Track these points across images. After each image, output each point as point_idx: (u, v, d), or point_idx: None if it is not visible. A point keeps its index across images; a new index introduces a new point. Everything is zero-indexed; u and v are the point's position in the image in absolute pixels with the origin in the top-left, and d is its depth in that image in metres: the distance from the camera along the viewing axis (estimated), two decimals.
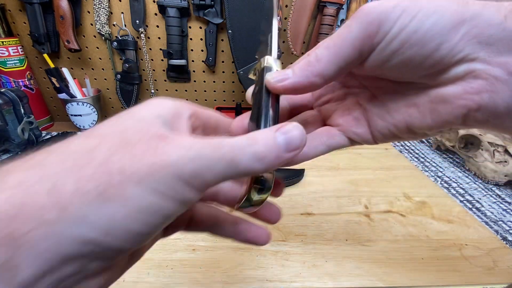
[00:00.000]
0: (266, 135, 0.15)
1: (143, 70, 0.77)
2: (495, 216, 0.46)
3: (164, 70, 0.79)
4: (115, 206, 0.12)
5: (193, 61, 0.79)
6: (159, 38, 0.75)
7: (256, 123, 0.18)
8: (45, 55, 0.69)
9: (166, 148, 0.13)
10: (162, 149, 0.13)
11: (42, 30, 0.67)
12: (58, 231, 0.11)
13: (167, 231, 0.20)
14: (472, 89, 0.14)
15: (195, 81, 0.82)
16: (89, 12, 0.70)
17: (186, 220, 0.20)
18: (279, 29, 0.73)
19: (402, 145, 0.72)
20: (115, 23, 0.72)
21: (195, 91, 0.84)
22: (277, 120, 0.18)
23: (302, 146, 0.15)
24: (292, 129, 0.15)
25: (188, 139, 0.14)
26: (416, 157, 0.66)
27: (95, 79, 0.78)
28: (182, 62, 0.73)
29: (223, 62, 0.79)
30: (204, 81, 0.82)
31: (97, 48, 0.75)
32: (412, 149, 0.70)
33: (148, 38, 0.74)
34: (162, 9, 0.70)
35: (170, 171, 0.12)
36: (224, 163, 0.13)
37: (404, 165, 0.59)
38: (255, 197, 0.18)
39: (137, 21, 0.71)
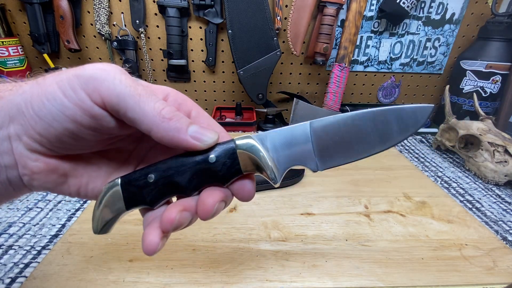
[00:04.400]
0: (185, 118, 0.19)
1: (143, 70, 0.77)
2: (495, 216, 0.46)
3: (164, 70, 0.79)
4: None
5: (193, 61, 0.79)
6: (159, 38, 0.75)
7: None
8: (45, 55, 0.69)
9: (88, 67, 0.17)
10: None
11: (42, 30, 0.67)
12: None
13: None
14: None
15: (195, 81, 0.82)
16: (89, 12, 0.70)
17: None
18: (279, 29, 0.73)
19: (402, 145, 0.72)
20: (115, 23, 0.72)
21: (195, 91, 0.84)
22: None
23: (205, 144, 0.18)
24: (207, 127, 0.19)
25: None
26: (416, 157, 0.66)
27: None
28: (182, 62, 0.73)
29: (223, 62, 0.79)
30: (204, 81, 0.82)
31: (97, 48, 0.75)
32: (412, 149, 0.70)
33: (148, 38, 0.74)
34: (162, 9, 0.70)
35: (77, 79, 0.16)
36: (129, 88, 0.17)
37: (404, 165, 0.59)
38: None
39: (137, 21, 0.71)
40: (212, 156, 0.18)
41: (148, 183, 0.19)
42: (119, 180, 0.19)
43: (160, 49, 0.76)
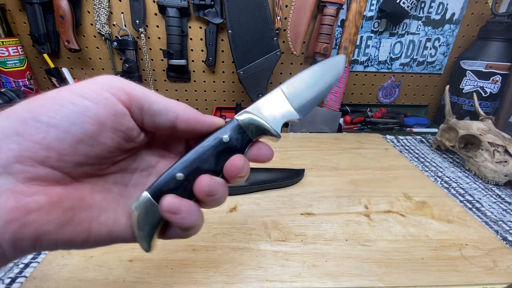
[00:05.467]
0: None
1: (143, 70, 0.77)
2: (495, 216, 0.46)
3: (164, 70, 0.79)
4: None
5: (193, 61, 0.79)
6: (159, 38, 0.75)
7: None
8: (45, 55, 0.69)
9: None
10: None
11: (42, 30, 0.67)
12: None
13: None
14: None
15: (195, 81, 0.82)
16: (89, 12, 0.70)
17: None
18: (279, 29, 0.73)
19: (402, 145, 0.72)
20: (115, 23, 0.72)
21: (195, 91, 0.84)
22: None
23: (218, 123, 0.21)
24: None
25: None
26: (416, 157, 0.66)
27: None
28: (182, 62, 0.73)
29: (223, 62, 0.79)
30: (204, 81, 0.82)
31: (97, 48, 0.75)
32: (412, 149, 0.70)
33: (148, 38, 0.74)
34: (162, 9, 0.70)
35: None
36: (147, 89, 0.18)
37: (404, 165, 0.59)
38: None
39: (137, 21, 0.71)
40: (226, 136, 0.20)
41: (180, 182, 0.19)
42: (147, 193, 0.19)
43: (160, 49, 0.76)
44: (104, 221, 0.18)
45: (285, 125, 0.85)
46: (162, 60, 0.77)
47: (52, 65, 0.69)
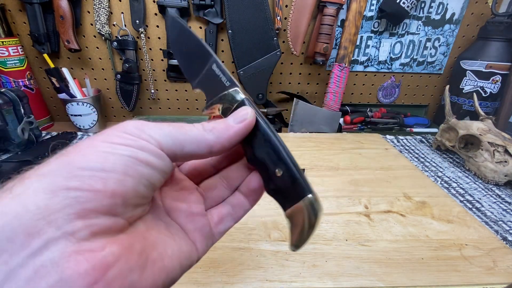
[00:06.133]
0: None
1: (143, 70, 0.77)
2: (495, 216, 0.46)
3: (164, 70, 0.79)
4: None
5: None
6: (159, 38, 0.75)
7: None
8: (45, 55, 0.69)
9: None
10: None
11: (42, 30, 0.67)
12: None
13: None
14: None
15: None
16: (89, 12, 0.70)
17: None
18: (279, 29, 0.73)
19: (402, 145, 0.72)
20: (115, 23, 0.72)
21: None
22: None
23: (250, 118, 0.19)
24: (239, 109, 0.19)
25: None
26: (416, 157, 0.66)
27: (95, 79, 0.78)
28: None
29: (223, 62, 0.79)
30: None
31: (97, 48, 0.75)
32: (412, 149, 0.70)
33: (148, 38, 0.74)
34: (162, 9, 0.70)
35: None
36: (172, 128, 0.17)
37: (404, 165, 0.59)
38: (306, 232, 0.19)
39: (137, 21, 0.71)
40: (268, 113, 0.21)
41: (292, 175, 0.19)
42: (311, 196, 0.18)
43: (160, 49, 0.76)
44: (172, 254, 0.17)
45: (285, 125, 0.86)
46: (162, 60, 0.77)
47: (52, 65, 0.69)
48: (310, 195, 0.18)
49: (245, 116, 0.19)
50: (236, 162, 0.23)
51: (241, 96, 0.20)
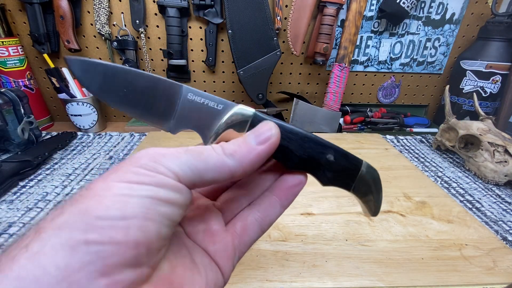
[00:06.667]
0: (237, 138, 0.17)
1: (143, 70, 0.77)
2: (495, 216, 0.46)
3: (164, 70, 0.79)
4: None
5: (193, 61, 0.79)
6: (159, 38, 0.75)
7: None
8: (45, 55, 0.69)
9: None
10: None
11: (42, 30, 0.67)
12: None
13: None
14: None
15: (195, 81, 0.82)
16: (89, 12, 0.70)
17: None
18: (279, 29, 0.73)
19: (402, 145, 0.72)
20: (115, 23, 0.72)
21: None
22: None
23: (274, 136, 0.17)
24: (262, 126, 0.17)
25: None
26: (416, 157, 0.66)
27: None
28: (182, 62, 0.73)
29: (223, 62, 0.79)
30: (204, 81, 0.82)
31: (97, 48, 0.75)
32: (412, 149, 0.70)
33: (148, 38, 0.74)
34: (162, 9, 0.70)
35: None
36: (190, 156, 0.15)
37: (404, 165, 0.59)
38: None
39: (137, 21, 0.71)
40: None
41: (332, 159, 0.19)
42: (364, 161, 0.20)
43: (160, 49, 0.76)
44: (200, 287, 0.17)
45: None
46: (162, 60, 0.77)
47: (52, 65, 0.69)
48: (363, 161, 0.19)
49: (268, 134, 0.17)
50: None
51: (250, 110, 0.18)
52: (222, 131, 0.18)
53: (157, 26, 0.73)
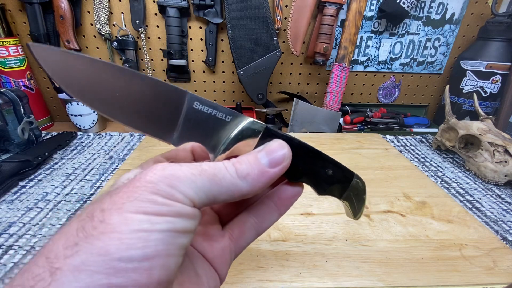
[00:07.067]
0: (248, 155, 0.16)
1: (143, 70, 0.77)
2: (495, 216, 0.46)
3: (164, 70, 0.79)
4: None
5: (193, 61, 0.79)
6: (159, 38, 0.75)
7: None
8: None
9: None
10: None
11: (42, 30, 0.67)
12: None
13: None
14: None
15: (195, 81, 0.82)
16: (89, 12, 0.70)
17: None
18: (279, 29, 0.73)
19: (402, 145, 0.72)
20: (115, 23, 0.72)
21: (195, 91, 0.84)
22: None
23: (287, 160, 0.17)
24: (274, 145, 0.17)
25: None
26: (416, 157, 0.66)
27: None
28: (182, 62, 0.73)
29: (223, 62, 0.79)
30: (204, 81, 0.82)
31: (97, 48, 0.75)
32: (412, 149, 0.70)
33: (148, 38, 0.74)
34: (162, 9, 0.70)
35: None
36: (205, 179, 0.14)
37: (404, 165, 0.59)
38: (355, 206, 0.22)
39: (137, 21, 0.71)
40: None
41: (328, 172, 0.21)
42: (356, 175, 0.21)
43: (160, 49, 0.76)
44: None
45: (285, 125, 0.85)
46: (162, 60, 0.77)
47: None
48: (355, 174, 0.21)
49: (281, 157, 0.16)
50: None
51: (260, 125, 0.18)
52: (231, 146, 0.17)
53: (157, 26, 0.73)
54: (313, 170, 0.20)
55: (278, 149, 0.17)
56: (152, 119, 0.17)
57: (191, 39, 0.76)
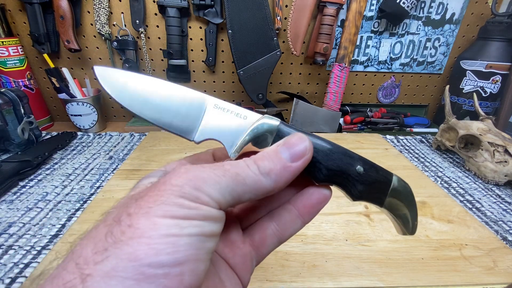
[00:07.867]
0: (269, 150, 0.16)
1: (143, 70, 0.77)
2: (495, 216, 0.46)
3: (164, 70, 0.79)
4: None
5: (193, 61, 0.79)
6: (159, 38, 0.75)
7: None
8: (45, 55, 0.69)
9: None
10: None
11: (42, 30, 0.67)
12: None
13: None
14: None
15: (195, 81, 0.82)
16: (89, 12, 0.70)
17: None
18: (279, 29, 0.73)
19: (402, 145, 0.72)
20: (115, 23, 0.72)
21: None
22: None
23: (309, 152, 0.17)
24: (293, 138, 0.16)
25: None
26: (416, 157, 0.66)
27: (95, 79, 0.78)
28: (182, 62, 0.73)
29: (223, 62, 0.79)
30: (204, 81, 0.82)
31: (97, 48, 0.75)
32: (412, 149, 0.70)
33: (148, 38, 0.74)
34: (162, 9, 0.70)
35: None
36: (229, 179, 0.14)
37: (404, 165, 0.59)
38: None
39: (137, 21, 0.71)
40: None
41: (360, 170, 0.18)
42: (396, 176, 0.19)
43: (160, 49, 0.76)
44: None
45: None
46: (162, 60, 0.77)
47: (52, 65, 0.69)
48: (394, 175, 0.18)
49: (303, 149, 0.16)
50: None
51: (275, 121, 0.18)
52: (247, 142, 0.18)
53: (157, 26, 0.73)
54: (340, 167, 0.18)
55: (299, 142, 0.16)
56: (176, 121, 0.19)
57: (191, 39, 0.76)
